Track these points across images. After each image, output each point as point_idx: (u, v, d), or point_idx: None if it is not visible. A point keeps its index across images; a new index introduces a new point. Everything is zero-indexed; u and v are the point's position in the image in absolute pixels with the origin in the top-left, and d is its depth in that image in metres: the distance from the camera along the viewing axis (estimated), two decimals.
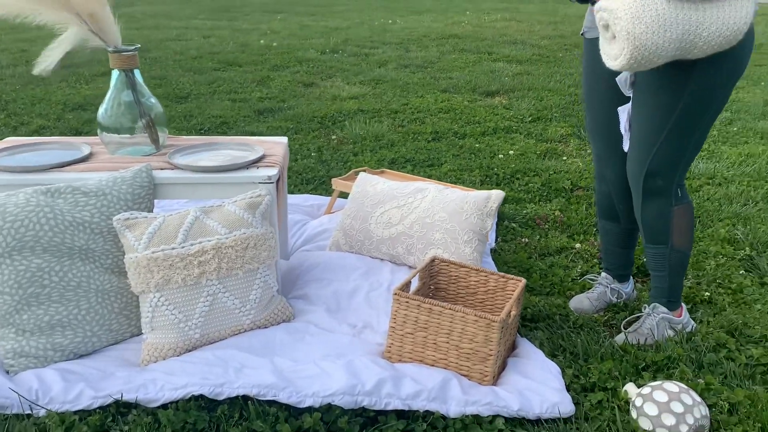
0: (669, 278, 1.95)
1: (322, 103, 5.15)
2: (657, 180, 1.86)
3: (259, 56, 7.46)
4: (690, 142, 1.81)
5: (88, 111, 4.85)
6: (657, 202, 1.89)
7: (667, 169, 1.84)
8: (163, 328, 1.84)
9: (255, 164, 2.09)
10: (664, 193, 1.87)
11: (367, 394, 1.63)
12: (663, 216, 1.89)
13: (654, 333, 1.96)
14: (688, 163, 1.85)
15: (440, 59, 7.27)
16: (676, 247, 1.91)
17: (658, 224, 1.90)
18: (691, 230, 1.92)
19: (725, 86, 1.75)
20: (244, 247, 1.91)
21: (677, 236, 1.90)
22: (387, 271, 2.28)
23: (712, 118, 1.80)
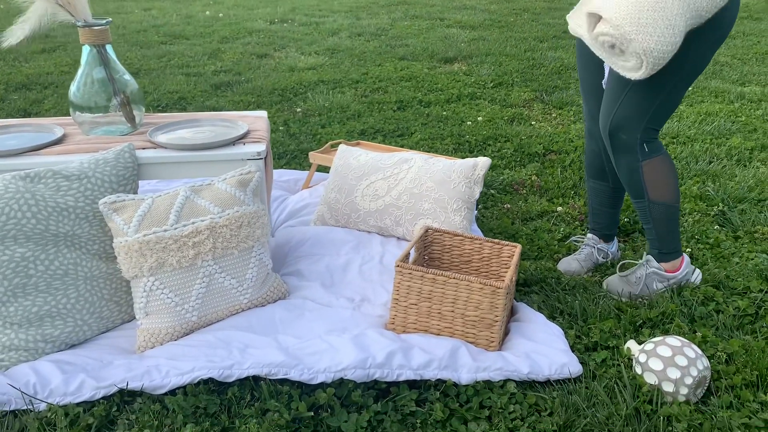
0: (655, 230, 2.01)
1: (280, 74, 5.04)
2: (621, 134, 1.90)
3: (206, 28, 7.22)
4: (654, 100, 1.83)
5: (33, 91, 4.61)
6: (625, 158, 1.94)
7: (630, 123, 1.88)
8: (159, 312, 1.78)
9: (241, 140, 2.03)
10: (629, 148, 1.92)
11: (378, 367, 1.63)
12: (633, 171, 1.94)
13: (641, 283, 2.03)
14: (654, 120, 1.88)
15: (393, 26, 7.20)
16: (654, 200, 1.96)
17: (631, 179, 1.96)
18: (668, 183, 1.95)
19: (696, 50, 1.77)
20: (238, 226, 1.86)
21: (652, 190, 1.95)
22: (377, 244, 2.26)
23: (684, 80, 1.82)
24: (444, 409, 1.57)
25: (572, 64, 5.23)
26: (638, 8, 1.62)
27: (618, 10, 1.64)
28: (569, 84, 4.67)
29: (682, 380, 1.57)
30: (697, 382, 1.58)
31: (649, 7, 1.61)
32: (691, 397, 1.58)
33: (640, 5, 1.62)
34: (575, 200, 2.74)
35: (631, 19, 1.61)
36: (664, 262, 2.04)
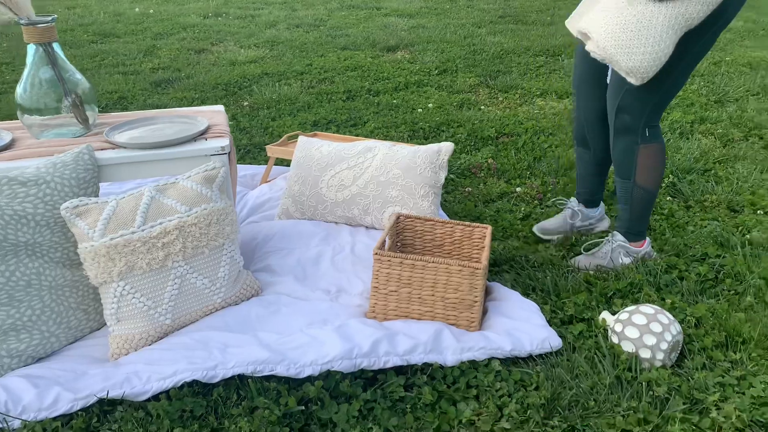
0: (631, 211, 2.07)
1: (221, 69, 4.93)
2: (625, 116, 1.94)
3: (137, 25, 6.98)
4: (662, 85, 1.87)
5: None
6: (625, 139, 1.98)
7: (636, 107, 1.92)
8: (131, 317, 1.73)
9: (203, 136, 1.98)
10: (631, 130, 1.96)
11: (365, 356, 1.62)
12: (629, 152, 1.99)
13: (608, 257, 2.09)
14: (659, 105, 1.93)
15: (330, 17, 7.14)
16: (639, 183, 2.02)
17: (624, 160, 2.00)
18: (657, 171, 2.01)
19: (701, 34, 1.81)
20: (207, 224, 1.81)
21: (641, 174, 2.00)
22: (346, 234, 2.25)
23: (689, 64, 1.86)
24: (432, 392, 1.58)
25: (512, 48, 5.33)
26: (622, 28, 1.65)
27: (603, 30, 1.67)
28: (511, 68, 4.75)
29: (658, 346, 1.63)
30: (672, 346, 1.65)
31: (633, 28, 1.64)
32: (667, 361, 1.65)
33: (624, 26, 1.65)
34: (532, 180, 2.80)
35: (615, 40, 1.65)
36: (631, 241, 2.11)
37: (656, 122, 1.99)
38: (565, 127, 3.42)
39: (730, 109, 3.58)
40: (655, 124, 1.99)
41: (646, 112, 1.93)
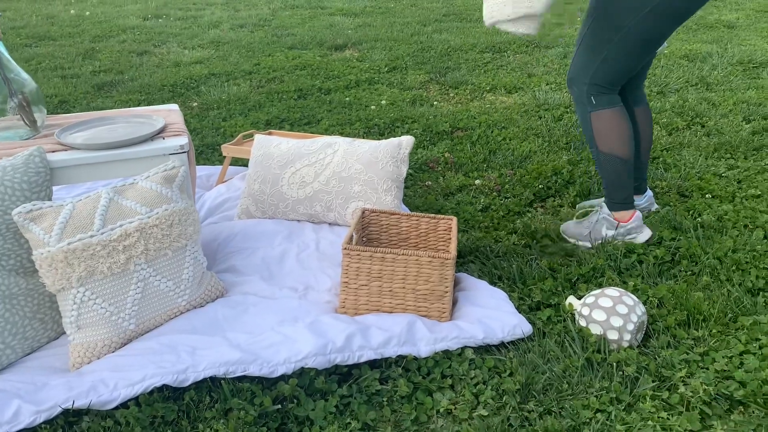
0: (604, 179, 2.16)
1: (166, 70, 4.81)
2: (573, 86, 2.11)
3: (74, 28, 6.75)
4: (596, 58, 2.01)
5: None
6: (579, 108, 2.12)
7: (579, 76, 2.07)
8: (93, 324, 1.66)
9: (160, 135, 1.92)
10: (579, 99, 2.10)
11: (339, 351, 1.61)
12: (584, 120, 2.13)
13: (591, 228, 2.19)
14: (598, 77, 2.03)
15: (275, 16, 7.07)
16: (602, 150, 2.11)
17: (585, 129, 2.14)
18: (613, 136, 2.08)
19: (635, 12, 1.89)
20: (169, 225, 1.76)
21: (599, 140, 2.10)
22: (310, 231, 2.23)
23: (624, 47, 1.96)
24: (408, 383, 1.58)
25: (459, 45, 5.38)
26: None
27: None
28: (460, 65, 4.80)
29: (625, 327, 1.68)
30: (638, 327, 1.69)
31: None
32: (633, 342, 1.69)
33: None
34: (489, 172, 2.83)
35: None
36: (614, 212, 2.17)
37: (605, 91, 2.07)
38: (516, 121, 3.47)
39: (672, 99, 3.72)
40: (604, 92, 2.07)
41: (588, 82, 2.05)
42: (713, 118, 3.37)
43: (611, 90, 2.07)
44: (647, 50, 1.99)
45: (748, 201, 2.45)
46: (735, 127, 3.24)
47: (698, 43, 5.10)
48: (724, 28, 5.71)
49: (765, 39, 5.17)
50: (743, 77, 4.12)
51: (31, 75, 4.81)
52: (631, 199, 2.17)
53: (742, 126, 3.24)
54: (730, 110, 3.48)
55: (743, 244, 2.12)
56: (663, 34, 1.97)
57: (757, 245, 2.10)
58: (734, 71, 4.25)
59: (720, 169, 2.75)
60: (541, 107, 3.69)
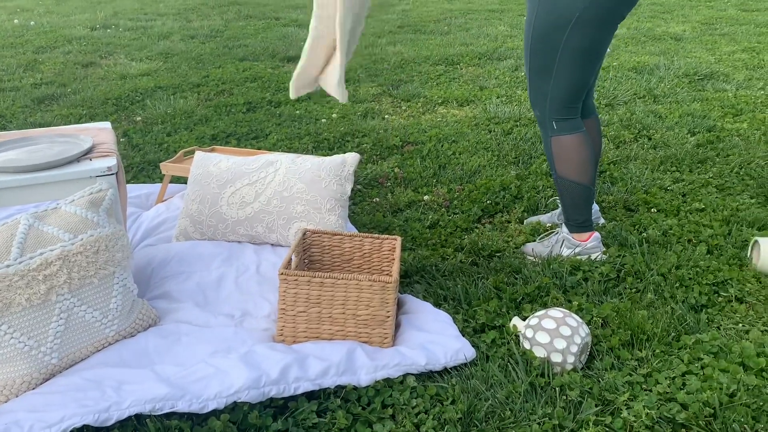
0: (562, 202, 2.16)
1: (111, 83, 4.67)
2: (535, 110, 2.11)
3: (16, 38, 6.53)
4: (549, 79, 2.01)
5: None
6: (542, 131, 2.13)
7: (538, 101, 2.07)
8: (10, 360, 1.55)
9: (87, 156, 1.82)
10: (541, 122, 2.11)
11: (274, 383, 1.54)
12: (546, 144, 2.13)
13: (550, 247, 2.21)
14: (557, 99, 2.03)
15: (227, 27, 6.96)
16: (561, 174, 2.12)
17: (546, 151, 2.15)
18: (573, 162, 2.08)
19: (563, 26, 1.90)
20: (95, 251, 1.67)
21: (559, 164, 2.11)
22: (251, 252, 2.15)
23: (569, 63, 1.95)
24: (347, 415, 1.51)
25: (412, 58, 5.37)
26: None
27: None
28: (413, 77, 4.78)
29: (568, 349, 1.64)
30: (581, 348, 1.66)
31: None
32: (577, 363, 1.66)
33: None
34: (438, 187, 2.80)
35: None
36: (573, 233, 2.17)
37: (564, 116, 2.07)
38: (467, 134, 3.46)
39: (620, 112, 3.75)
40: (564, 117, 2.07)
41: (547, 106, 2.06)
42: (659, 131, 3.41)
43: (572, 111, 2.07)
44: (591, 61, 1.99)
45: (693, 215, 2.47)
46: (680, 139, 3.28)
47: (646, 55, 5.19)
48: (672, 40, 5.84)
49: (710, 51, 5.29)
50: (689, 89, 4.19)
51: None
52: (589, 221, 2.18)
53: (687, 138, 3.28)
54: (676, 122, 3.53)
55: (687, 260, 2.12)
56: (600, 41, 1.97)
57: (699, 261, 2.10)
58: (680, 83, 4.33)
59: (666, 183, 2.76)
60: (492, 120, 3.68)
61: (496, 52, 5.50)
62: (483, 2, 8.48)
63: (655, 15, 7.19)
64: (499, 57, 5.34)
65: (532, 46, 1.99)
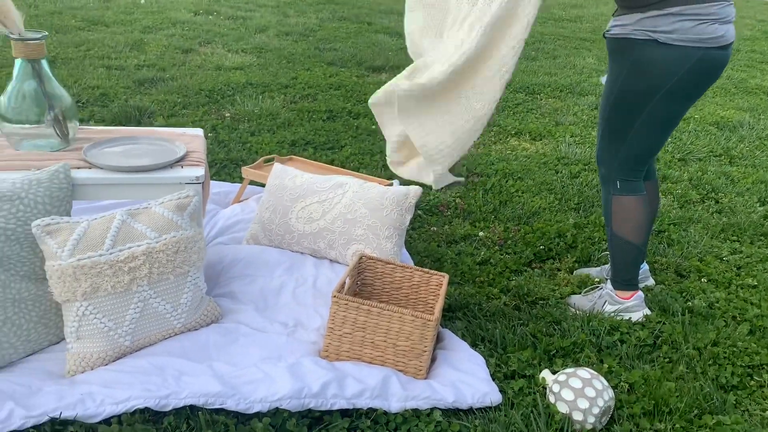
0: (612, 258, 2.25)
1: (206, 73, 4.97)
2: (601, 167, 2.19)
3: (127, 15, 6.97)
4: (623, 141, 2.08)
5: None
6: (603, 188, 2.22)
7: (607, 159, 2.15)
8: (91, 337, 1.78)
9: (179, 163, 2.03)
10: (606, 180, 2.19)
11: (313, 396, 1.70)
12: (606, 201, 2.21)
13: (594, 302, 2.29)
14: (627, 160, 2.11)
15: (321, 27, 7.21)
16: (616, 232, 2.20)
17: (604, 208, 2.23)
18: (630, 223, 2.17)
19: (650, 95, 1.98)
20: (174, 251, 1.87)
21: (615, 223, 2.19)
22: (310, 266, 2.32)
23: (648, 128, 2.03)
24: None
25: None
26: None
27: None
28: None
29: (590, 410, 1.74)
30: (603, 411, 1.75)
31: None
32: (597, 425, 1.75)
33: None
34: (495, 224, 2.90)
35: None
36: (617, 289, 2.25)
37: (629, 177, 2.15)
38: (533, 172, 3.53)
39: (692, 169, 3.74)
40: (629, 179, 2.15)
41: (614, 166, 2.13)
42: (728, 195, 3.39)
43: (637, 174, 2.15)
44: (668, 130, 2.07)
45: (743, 290, 2.48)
46: (748, 207, 3.26)
47: (732, 109, 5.09)
48: (764, 94, 5.69)
49: None
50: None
51: (79, 61, 5.01)
52: (635, 280, 2.26)
53: (756, 208, 3.26)
54: (747, 188, 3.49)
55: (726, 337, 2.16)
56: (682, 112, 2.05)
57: (738, 341, 2.14)
58: (761, 145, 4.25)
59: (723, 252, 2.78)
60: (561, 161, 3.74)
61: (579, 86, 5.52)
62: (575, 29, 8.43)
63: (752, 64, 6.99)
64: (581, 92, 5.36)
65: (611, 109, 2.06)
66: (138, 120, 3.83)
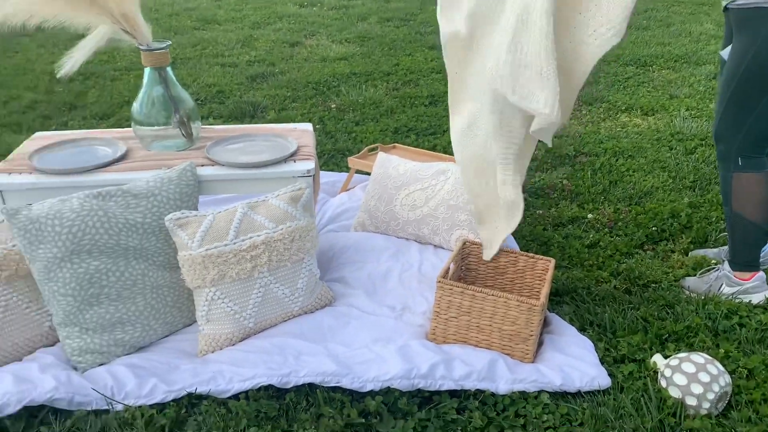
0: (732, 240, 2.17)
1: (312, 65, 5.14)
2: (720, 144, 2.09)
3: (236, 12, 7.32)
4: (750, 113, 1.98)
5: (75, 82, 4.77)
6: (722, 165, 2.12)
7: (728, 135, 2.05)
8: (219, 319, 1.94)
9: (292, 158, 2.16)
10: (725, 157, 2.09)
11: (422, 377, 1.77)
12: (725, 179, 2.12)
13: (710, 284, 2.20)
14: (753, 134, 2.01)
15: (422, 10, 7.23)
16: (735, 210, 2.11)
17: (723, 186, 2.14)
18: (753, 200, 2.08)
19: None
20: (290, 240, 2.00)
21: (736, 201, 2.10)
22: (415, 251, 2.40)
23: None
24: (482, 417, 1.71)
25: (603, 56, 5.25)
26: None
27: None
28: (599, 78, 4.72)
29: (705, 395, 1.70)
30: (719, 396, 1.71)
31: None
32: (713, 410, 1.71)
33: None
34: (605, 206, 2.85)
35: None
36: (736, 271, 2.18)
37: (753, 153, 2.05)
38: (645, 150, 3.41)
39: None
40: (752, 155, 2.05)
41: (736, 142, 2.04)
42: None
43: (761, 150, 2.06)
44: None
45: None
46: None
47: None
48: None
49: None
50: None
51: (196, 61, 5.34)
52: (756, 261, 2.16)
53: None
54: None
55: None
56: None
57: None
58: None
59: None
60: (675, 136, 3.58)
61: (696, 54, 5.22)
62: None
63: None
64: (698, 61, 5.06)
65: (738, 84, 1.96)
66: (252, 115, 4.06)
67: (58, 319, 1.85)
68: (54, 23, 1.98)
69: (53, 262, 1.81)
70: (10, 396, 1.68)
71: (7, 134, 3.77)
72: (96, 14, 1.98)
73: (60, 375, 1.76)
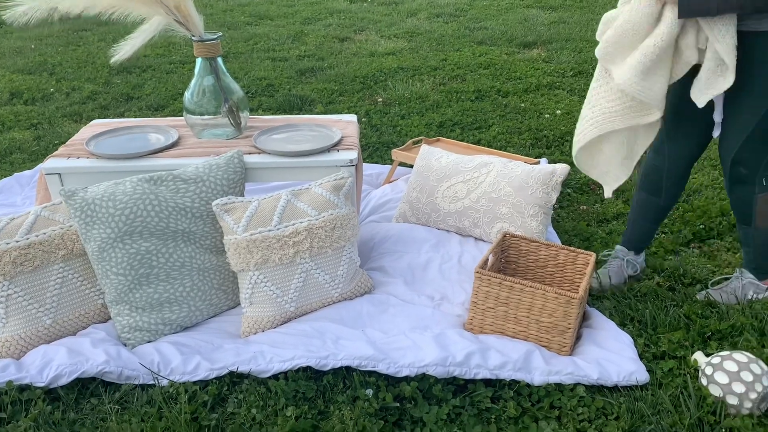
0: (754, 253, 2.10)
1: (361, 60, 5.19)
2: (741, 168, 1.97)
3: (288, 8, 7.43)
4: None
5: (133, 74, 4.94)
6: (741, 189, 2.01)
7: (752, 160, 1.94)
8: (262, 302, 2.00)
9: (335, 147, 2.21)
10: (747, 180, 1.98)
11: (457, 365, 1.79)
12: (746, 202, 2.02)
13: (738, 293, 2.12)
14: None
15: (471, 5, 7.20)
16: (760, 227, 2.04)
17: (742, 208, 2.04)
18: None
19: None
20: (332, 227, 2.05)
21: (760, 219, 2.03)
22: (455, 243, 2.41)
23: None
24: (517, 407, 1.72)
25: None
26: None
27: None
28: None
29: (747, 395, 1.67)
30: (762, 397, 1.67)
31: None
32: (755, 410, 1.68)
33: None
34: None
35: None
36: (762, 280, 2.13)
37: None
38: None
39: None
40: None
41: (762, 165, 1.95)
42: None
43: None
44: None
45: None
46: None
47: None
48: None
49: None
50: None
51: (248, 55, 5.46)
52: None
53: None
54: None
55: None
56: None
57: None
58: None
59: None
60: None
61: None
62: None
63: None
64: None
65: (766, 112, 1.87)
66: (300, 108, 4.13)
67: (110, 297, 1.94)
68: (112, 14, 2.06)
69: (107, 242, 1.90)
70: (64, 368, 1.77)
71: (68, 123, 3.94)
72: (151, 5, 2.06)
73: (110, 350, 1.84)
